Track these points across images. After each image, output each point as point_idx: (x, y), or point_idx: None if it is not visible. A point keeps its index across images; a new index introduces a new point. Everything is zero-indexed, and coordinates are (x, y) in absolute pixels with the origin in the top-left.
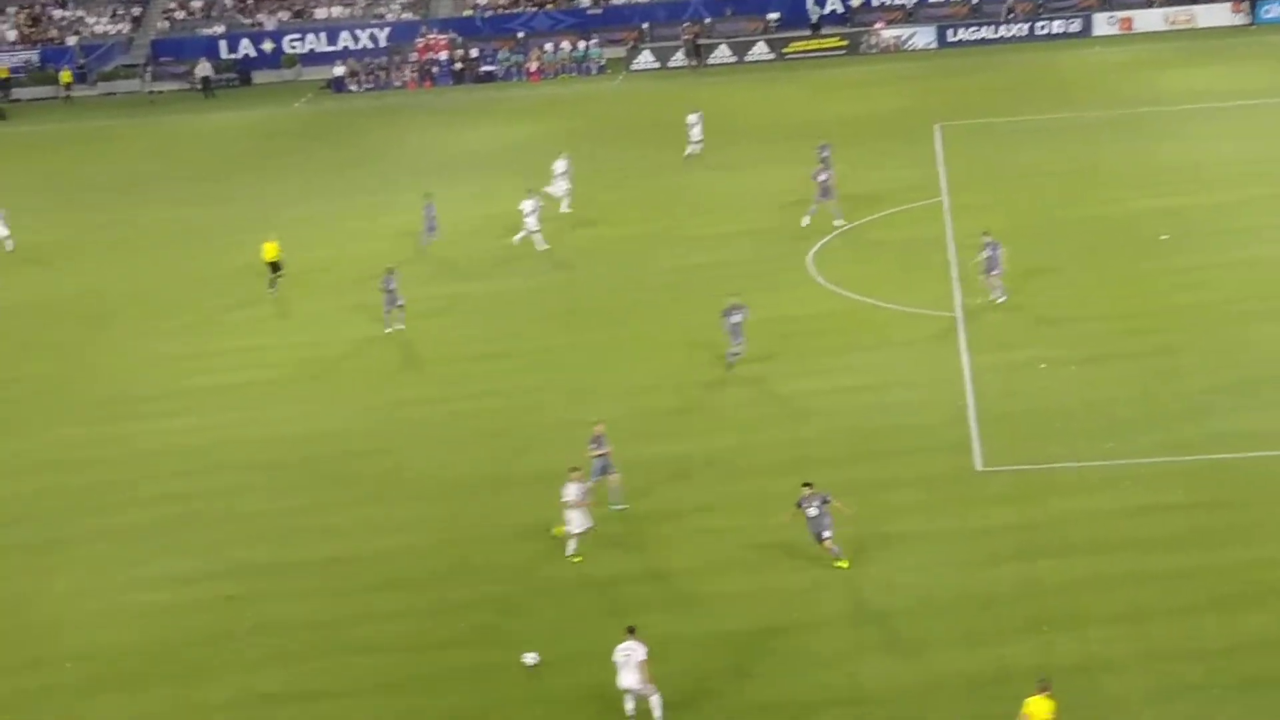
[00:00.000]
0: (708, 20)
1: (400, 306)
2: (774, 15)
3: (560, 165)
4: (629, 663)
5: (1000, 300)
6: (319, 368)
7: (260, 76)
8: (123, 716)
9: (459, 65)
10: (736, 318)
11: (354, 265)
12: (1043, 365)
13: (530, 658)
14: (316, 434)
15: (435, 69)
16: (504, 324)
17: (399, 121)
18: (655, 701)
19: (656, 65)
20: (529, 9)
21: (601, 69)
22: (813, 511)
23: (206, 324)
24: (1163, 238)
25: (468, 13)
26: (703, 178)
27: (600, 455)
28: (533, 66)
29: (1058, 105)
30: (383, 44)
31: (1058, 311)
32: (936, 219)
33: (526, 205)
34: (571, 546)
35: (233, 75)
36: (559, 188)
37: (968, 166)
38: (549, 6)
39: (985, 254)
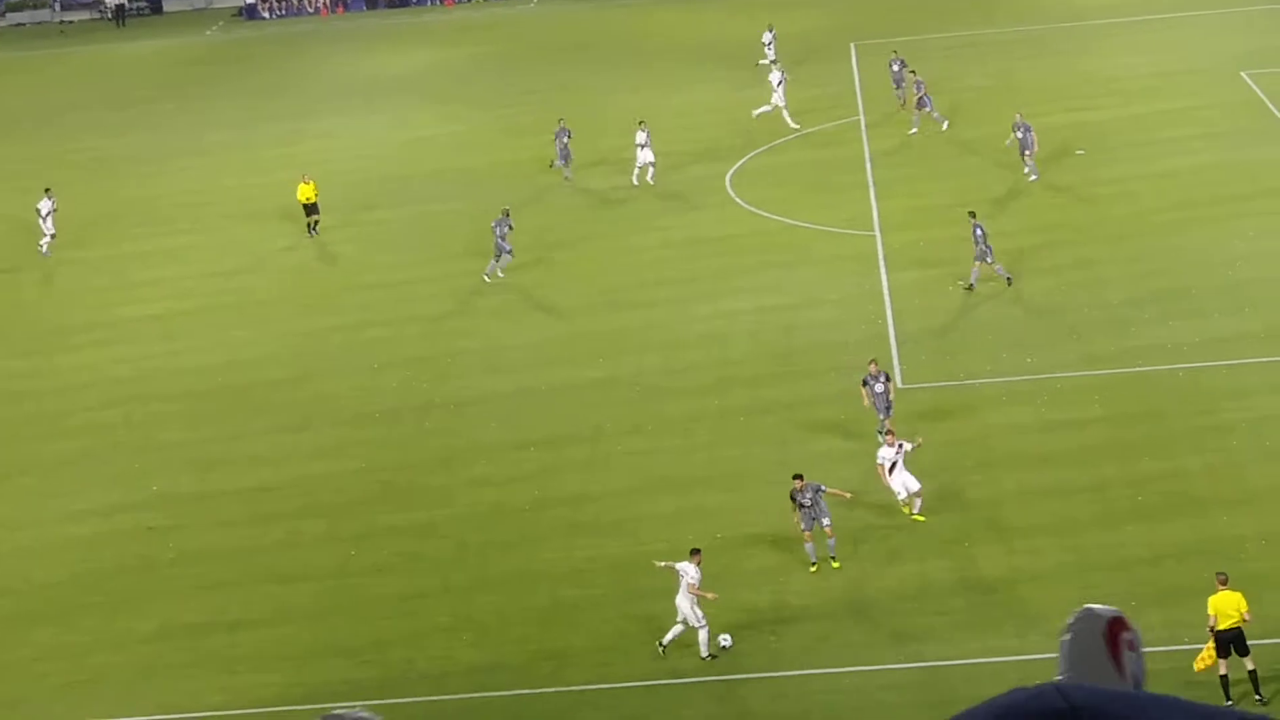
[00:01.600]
0: None
1: (508, 252)
2: None
3: (775, 77)
4: (680, 584)
5: (1033, 180)
6: (240, 296)
7: (172, 4)
8: (50, 649)
9: None
10: (979, 231)
11: (273, 193)
12: (961, 282)
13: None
14: (238, 363)
15: None
16: (424, 251)
17: (313, 48)
18: (702, 636)
19: None
20: None
21: None
22: (806, 502)
23: (130, 254)
24: (1078, 152)
25: None
26: (614, 100)
27: (880, 394)
28: None
29: (974, 23)
30: None
31: None
32: (855, 138)
33: (640, 137)
34: (916, 505)
35: (144, 3)
36: (778, 100)
37: (886, 85)
38: None
39: (1018, 135)
